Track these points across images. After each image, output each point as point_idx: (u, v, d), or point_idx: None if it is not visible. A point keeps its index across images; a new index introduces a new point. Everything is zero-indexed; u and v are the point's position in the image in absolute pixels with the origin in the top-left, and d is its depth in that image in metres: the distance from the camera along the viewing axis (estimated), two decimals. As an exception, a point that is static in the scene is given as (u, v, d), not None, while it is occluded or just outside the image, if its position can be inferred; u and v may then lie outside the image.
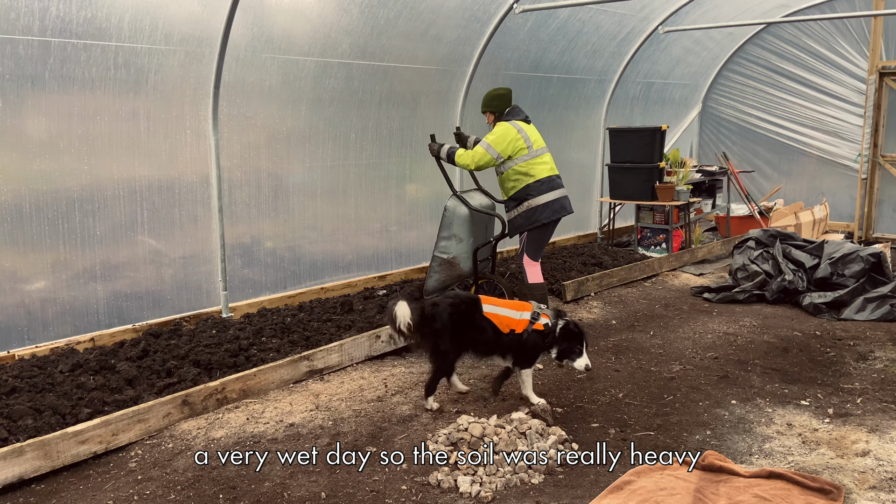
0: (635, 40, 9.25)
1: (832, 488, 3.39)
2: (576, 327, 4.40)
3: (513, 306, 4.56)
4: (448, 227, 5.94)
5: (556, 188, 5.85)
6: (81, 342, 5.21)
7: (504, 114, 5.87)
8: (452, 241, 5.94)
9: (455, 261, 5.96)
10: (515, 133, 5.71)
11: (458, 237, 5.93)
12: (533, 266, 5.93)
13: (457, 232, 5.92)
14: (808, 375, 5.07)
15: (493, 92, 5.91)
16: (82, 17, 4.89)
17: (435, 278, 6.03)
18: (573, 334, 4.37)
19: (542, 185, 5.77)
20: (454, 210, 5.92)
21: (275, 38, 5.93)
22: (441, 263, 5.98)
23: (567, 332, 4.37)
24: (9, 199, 4.85)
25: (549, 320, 4.43)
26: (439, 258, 5.98)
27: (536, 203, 5.76)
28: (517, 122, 5.79)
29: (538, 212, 5.76)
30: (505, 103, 5.88)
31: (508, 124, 5.74)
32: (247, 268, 6.23)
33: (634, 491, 3.42)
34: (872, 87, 9.75)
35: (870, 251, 6.82)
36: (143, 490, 3.57)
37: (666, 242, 8.87)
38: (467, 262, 6.02)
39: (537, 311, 4.49)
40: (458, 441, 3.90)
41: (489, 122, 5.98)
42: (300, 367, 4.94)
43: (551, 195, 5.79)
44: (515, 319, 4.45)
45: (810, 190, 10.93)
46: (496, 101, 5.87)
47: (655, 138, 8.58)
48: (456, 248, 5.95)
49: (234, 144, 5.96)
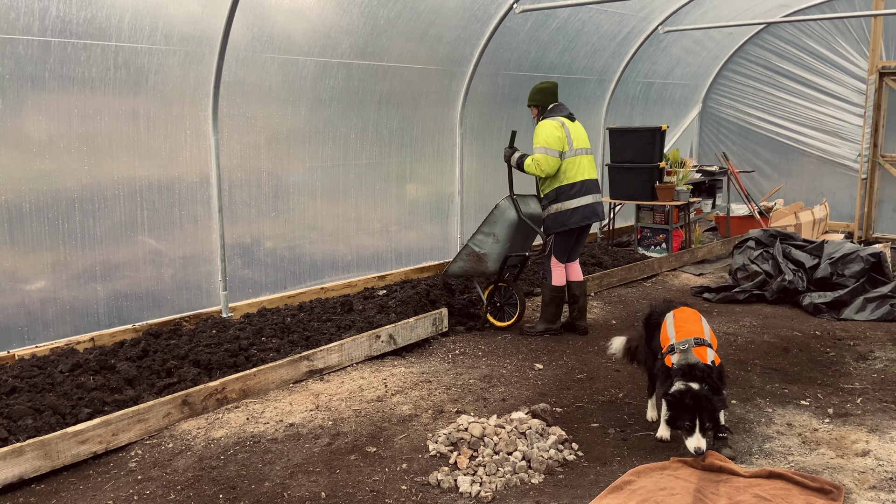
0: (635, 40, 9.25)
1: (832, 488, 3.39)
2: (692, 398, 3.62)
3: (680, 325, 4.00)
4: (492, 224, 5.95)
5: (589, 193, 5.79)
6: (81, 342, 5.20)
7: (548, 110, 5.83)
8: (490, 238, 5.96)
9: (484, 257, 5.99)
10: (561, 129, 5.67)
11: (496, 237, 5.94)
12: (558, 268, 5.94)
13: (497, 232, 5.93)
14: (808, 375, 5.07)
15: (538, 86, 5.86)
16: (82, 17, 4.89)
17: (459, 265, 6.12)
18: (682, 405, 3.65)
19: (574, 188, 5.74)
20: (504, 211, 5.90)
21: (275, 38, 5.93)
22: (470, 254, 6.03)
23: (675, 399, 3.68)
24: (9, 199, 4.85)
25: (679, 363, 3.78)
26: (471, 248, 6.02)
27: (566, 207, 5.74)
28: (561, 118, 5.75)
29: (567, 216, 5.75)
30: (549, 98, 5.83)
31: (551, 121, 5.71)
32: (247, 268, 6.23)
33: (634, 491, 3.42)
34: (872, 87, 9.75)
35: (870, 251, 6.82)
36: (143, 490, 3.57)
37: (666, 242, 8.87)
38: (495, 264, 5.99)
39: (678, 346, 3.86)
40: (458, 441, 3.90)
41: (534, 115, 5.95)
42: (300, 367, 4.94)
43: (583, 200, 5.75)
44: (668, 338, 3.99)
45: (810, 190, 10.93)
46: (540, 95, 5.83)
47: (655, 138, 8.58)
48: (490, 247, 5.96)
49: (234, 144, 5.96)
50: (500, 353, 5.56)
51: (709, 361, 3.77)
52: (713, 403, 3.62)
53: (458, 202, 8.01)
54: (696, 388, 3.65)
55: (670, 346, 3.89)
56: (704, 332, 3.97)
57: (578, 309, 6.03)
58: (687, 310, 4.15)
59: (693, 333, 3.90)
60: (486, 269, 6.03)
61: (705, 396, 3.62)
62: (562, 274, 5.96)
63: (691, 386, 3.66)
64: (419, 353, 5.53)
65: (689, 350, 3.80)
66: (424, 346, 5.68)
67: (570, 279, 6.05)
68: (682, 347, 3.83)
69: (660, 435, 4.05)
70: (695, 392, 3.64)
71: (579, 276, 6.07)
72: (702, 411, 3.59)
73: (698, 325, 4.01)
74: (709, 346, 3.87)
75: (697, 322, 4.04)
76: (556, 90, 5.86)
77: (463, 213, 8.06)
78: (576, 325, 6.05)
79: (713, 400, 3.63)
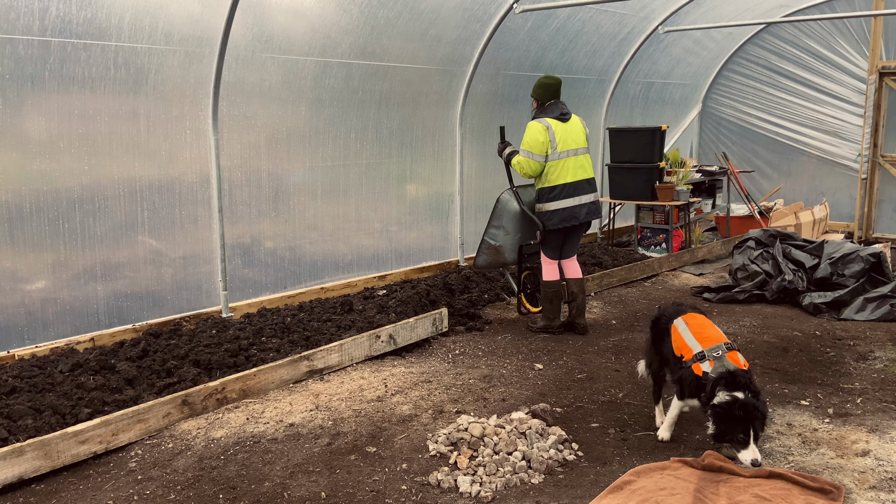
0: (635, 40, 9.25)
1: (832, 488, 3.39)
2: (741, 409, 3.48)
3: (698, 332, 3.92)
4: (499, 217, 6.25)
5: (574, 195, 5.80)
6: (81, 342, 5.21)
7: (544, 107, 5.86)
8: (500, 231, 6.28)
9: (501, 249, 6.32)
10: (543, 131, 5.69)
11: (505, 229, 6.25)
12: (548, 264, 6.02)
13: (505, 224, 6.24)
14: (808, 375, 5.07)
15: (541, 79, 5.89)
16: (82, 17, 4.89)
17: (483, 258, 6.45)
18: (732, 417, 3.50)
19: (554, 191, 5.78)
20: (506, 204, 6.20)
21: (275, 37, 5.93)
22: (489, 248, 6.36)
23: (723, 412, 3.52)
24: (9, 199, 4.86)
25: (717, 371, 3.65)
26: (488, 242, 6.35)
27: (546, 209, 5.86)
28: (548, 119, 5.76)
29: (546, 217, 5.87)
30: (548, 95, 5.84)
31: (537, 122, 5.74)
32: (247, 268, 6.23)
33: (634, 491, 3.42)
34: (872, 87, 9.75)
35: (870, 251, 6.82)
36: (143, 490, 3.57)
37: (666, 242, 8.87)
38: (512, 254, 6.34)
39: (710, 353, 3.74)
40: (458, 441, 3.90)
41: (534, 107, 6.00)
42: (300, 367, 4.94)
43: (562, 203, 5.79)
44: (687, 346, 3.89)
45: (810, 190, 10.93)
46: (540, 90, 5.87)
47: (655, 138, 8.58)
48: (503, 239, 6.28)
49: (234, 144, 5.97)
50: (500, 353, 5.56)
51: (742, 365, 3.68)
52: (763, 412, 3.52)
53: (459, 202, 8.01)
54: (744, 398, 3.52)
55: (699, 354, 3.75)
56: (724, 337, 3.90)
57: (577, 307, 6.03)
58: (698, 316, 4.06)
59: (717, 339, 3.81)
60: (506, 260, 6.38)
61: (755, 405, 3.49)
62: (553, 269, 6.01)
63: (737, 396, 3.52)
64: (419, 353, 5.54)
65: (723, 357, 3.68)
66: (424, 346, 5.68)
67: (567, 276, 6.08)
68: (716, 354, 3.70)
69: (661, 436, 4.05)
70: (743, 402, 3.49)
71: (577, 273, 6.08)
72: (754, 420, 3.47)
73: (717, 330, 3.95)
74: (738, 349, 3.80)
75: (714, 327, 3.98)
76: (557, 87, 5.85)
77: (463, 213, 8.06)
78: (575, 324, 6.05)
79: (762, 408, 3.54)
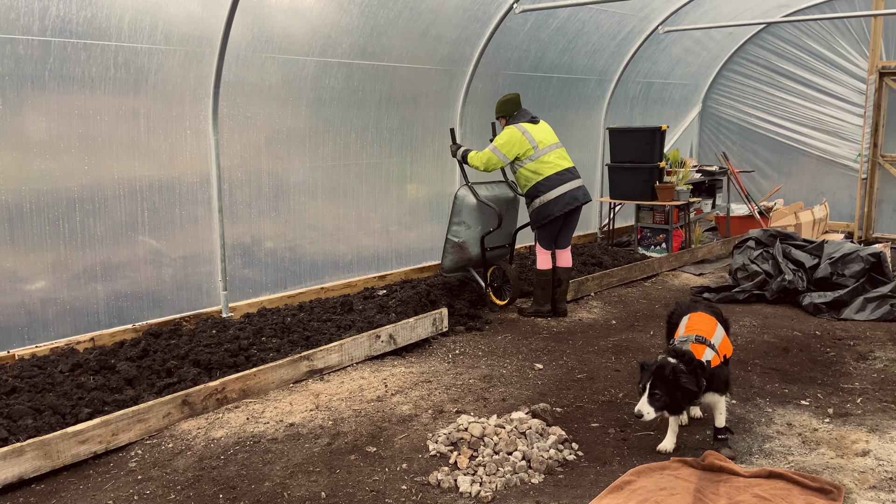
0: (635, 40, 9.25)
1: (832, 488, 3.39)
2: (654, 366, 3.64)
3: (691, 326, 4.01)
4: (458, 213, 6.47)
5: (566, 181, 6.22)
6: (81, 342, 5.21)
7: (513, 117, 6.30)
8: (462, 227, 6.47)
9: (465, 245, 6.49)
10: (520, 136, 6.18)
11: (466, 224, 6.45)
12: (543, 254, 6.41)
13: (466, 219, 6.44)
14: (808, 375, 5.07)
15: (502, 98, 6.39)
16: (82, 17, 4.89)
17: (449, 259, 6.60)
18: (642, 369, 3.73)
19: (550, 181, 6.18)
20: (463, 199, 6.44)
21: (275, 37, 5.93)
22: (453, 246, 6.53)
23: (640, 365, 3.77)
24: (9, 199, 4.85)
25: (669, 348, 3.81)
26: (451, 241, 6.52)
27: (548, 199, 6.18)
28: (523, 123, 6.22)
29: (549, 206, 6.18)
30: (513, 107, 6.34)
31: (514, 127, 6.21)
32: (247, 268, 6.23)
33: (634, 491, 3.42)
34: (872, 87, 9.75)
35: (870, 251, 6.82)
36: (143, 490, 3.57)
37: (666, 242, 8.87)
38: (475, 248, 6.53)
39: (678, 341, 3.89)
40: (458, 441, 3.90)
41: (503, 125, 6.41)
42: (300, 367, 4.94)
43: (560, 189, 6.18)
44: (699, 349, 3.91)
45: (810, 190, 10.93)
46: (505, 107, 6.35)
47: (655, 138, 8.58)
48: (465, 234, 6.47)
49: (234, 144, 5.97)
50: (500, 353, 5.56)
51: (704, 359, 3.75)
52: (676, 377, 3.54)
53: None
54: (662, 360, 3.63)
55: (672, 341, 3.95)
56: (714, 335, 3.96)
57: (560, 293, 6.52)
58: (704, 315, 4.17)
59: (699, 332, 3.93)
60: (471, 255, 6.55)
61: (665, 366, 3.56)
62: (546, 259, 6.42)
63: (663, 358, 3.65)
64: (419, 353, 5.54)
65: (686, 342, 3.82)
66: (424, 346, 5.68)
67: (558, 265, 6.51)
68: (682, 340, 3.87)
69: (663, 447, 3.93)
70: (661, 363, 3.61)
71: (568, 262, 6.53)
72: (657, 379, 3.57)
73: (710, 328, 4.01)
74: (711, 346, 3.85)
75: (710, 326, 4.04)
76: (518, 100, 6.36)
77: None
78: (556, 307, 6.53)
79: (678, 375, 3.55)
